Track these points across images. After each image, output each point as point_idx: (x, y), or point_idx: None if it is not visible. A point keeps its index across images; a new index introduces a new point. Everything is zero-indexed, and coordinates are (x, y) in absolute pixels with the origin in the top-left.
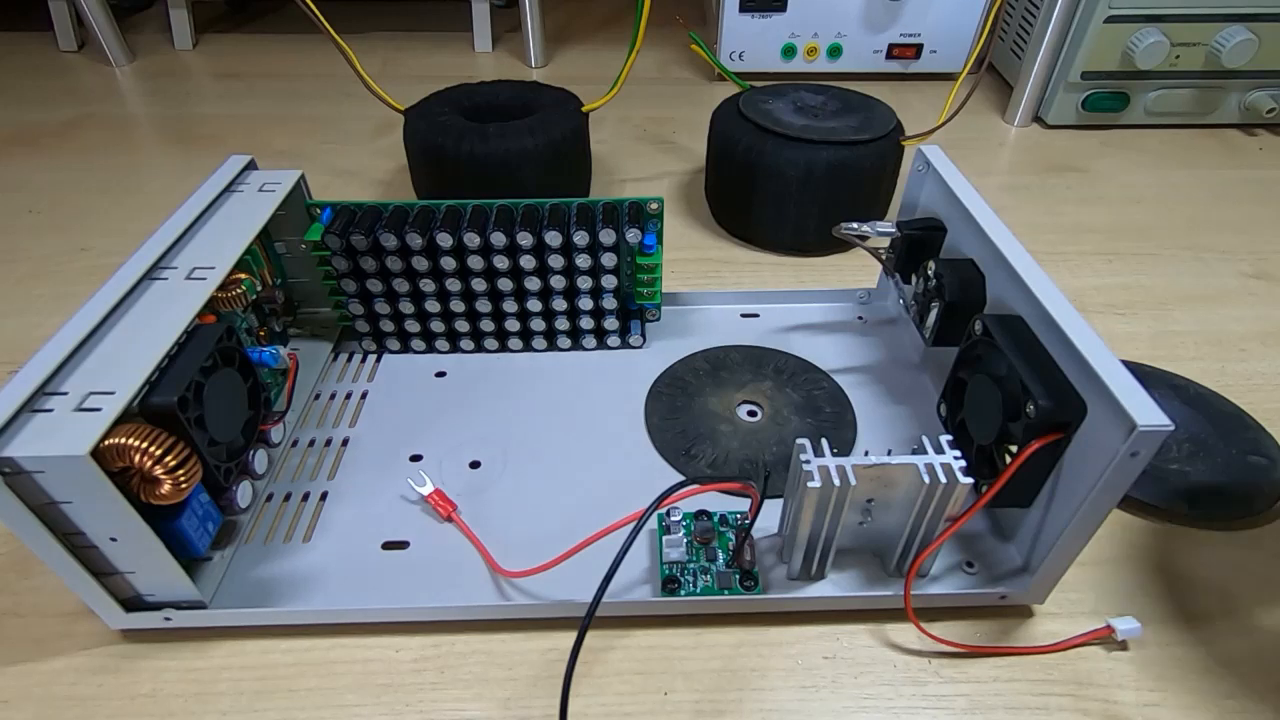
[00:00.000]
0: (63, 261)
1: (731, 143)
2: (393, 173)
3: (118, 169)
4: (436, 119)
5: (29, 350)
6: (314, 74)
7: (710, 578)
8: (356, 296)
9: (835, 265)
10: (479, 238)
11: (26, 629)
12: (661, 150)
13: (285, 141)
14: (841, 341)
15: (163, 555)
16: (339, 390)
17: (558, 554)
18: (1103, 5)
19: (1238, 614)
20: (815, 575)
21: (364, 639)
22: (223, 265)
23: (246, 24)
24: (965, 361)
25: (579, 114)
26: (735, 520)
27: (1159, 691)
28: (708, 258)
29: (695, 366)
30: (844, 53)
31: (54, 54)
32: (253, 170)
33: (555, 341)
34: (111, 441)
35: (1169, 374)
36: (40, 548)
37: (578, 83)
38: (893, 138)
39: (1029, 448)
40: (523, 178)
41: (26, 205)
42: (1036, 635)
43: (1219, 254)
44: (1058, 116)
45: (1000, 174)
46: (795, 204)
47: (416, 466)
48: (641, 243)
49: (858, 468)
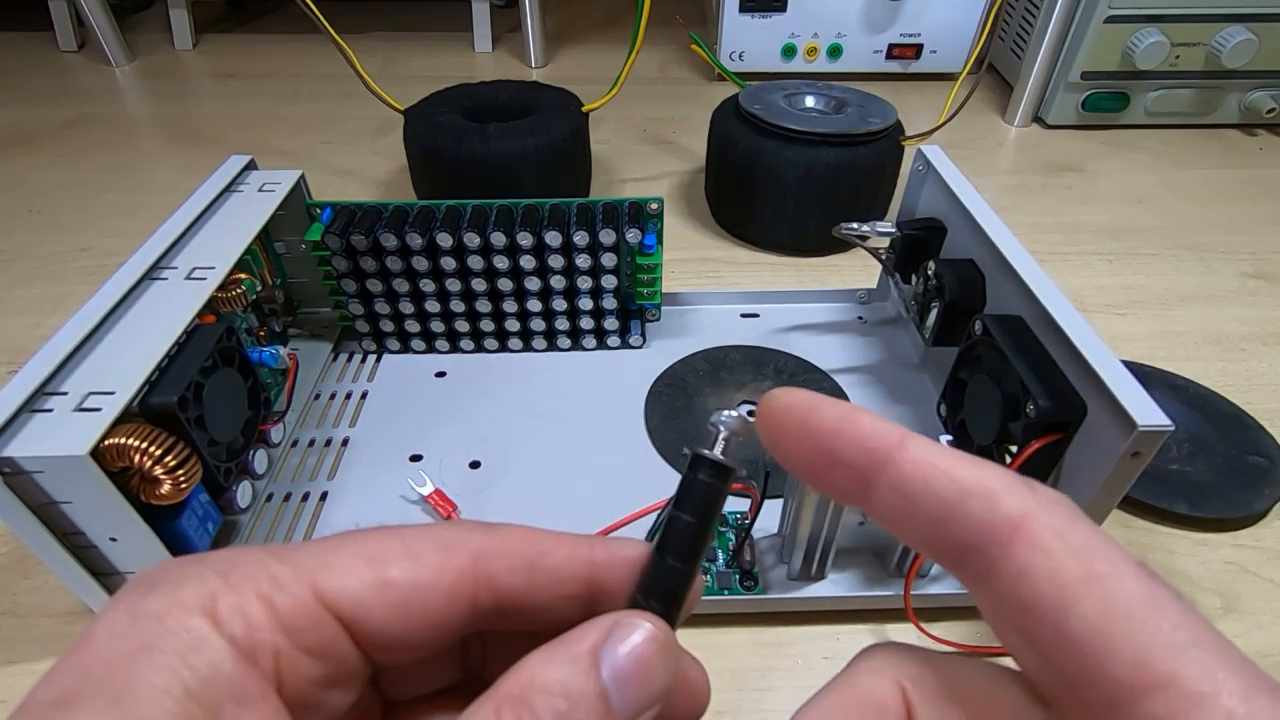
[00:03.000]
0: (63, 261)
1: (731, 143)
2: (393, 173)
3: (118, 169)
4: (436, 119)
5: (29, 350)
6: (314, 74)
7: (710, 578)
8: (356, 296)
9: (835, 265)
10: (479, 238)
11: (26, 629)
12: (661, 150)
13: (285, 141)
14: (841, 341)
15: (163, 555)
16: (339, 390)
17: None
18: (1103, 5)
19: (1238, 614)
20: (815, 575)
21: None
22: (223, 265)
23: (246, 24)
24: (965, 361)
25: (579, 114)
26: (735, 520)
27: None
28: (708, 258)
29: (695, 366)
30: (844, 53)
31: (54, 54)
32: (253, 170)
33: (555, 341)
34: (111, 441)
35: (1169, 374)
36: (40, 548)
37: (578, 83)
38: (893, 138)
39: (1029, 448)
40: (523, 178)
41: (26, 205)
42: None
43: (1219, 254)
44: (1058, 116)
45: (1000, 174)
46: (795, 204)
47: (416, 466)
48: (641, 243)
49: None
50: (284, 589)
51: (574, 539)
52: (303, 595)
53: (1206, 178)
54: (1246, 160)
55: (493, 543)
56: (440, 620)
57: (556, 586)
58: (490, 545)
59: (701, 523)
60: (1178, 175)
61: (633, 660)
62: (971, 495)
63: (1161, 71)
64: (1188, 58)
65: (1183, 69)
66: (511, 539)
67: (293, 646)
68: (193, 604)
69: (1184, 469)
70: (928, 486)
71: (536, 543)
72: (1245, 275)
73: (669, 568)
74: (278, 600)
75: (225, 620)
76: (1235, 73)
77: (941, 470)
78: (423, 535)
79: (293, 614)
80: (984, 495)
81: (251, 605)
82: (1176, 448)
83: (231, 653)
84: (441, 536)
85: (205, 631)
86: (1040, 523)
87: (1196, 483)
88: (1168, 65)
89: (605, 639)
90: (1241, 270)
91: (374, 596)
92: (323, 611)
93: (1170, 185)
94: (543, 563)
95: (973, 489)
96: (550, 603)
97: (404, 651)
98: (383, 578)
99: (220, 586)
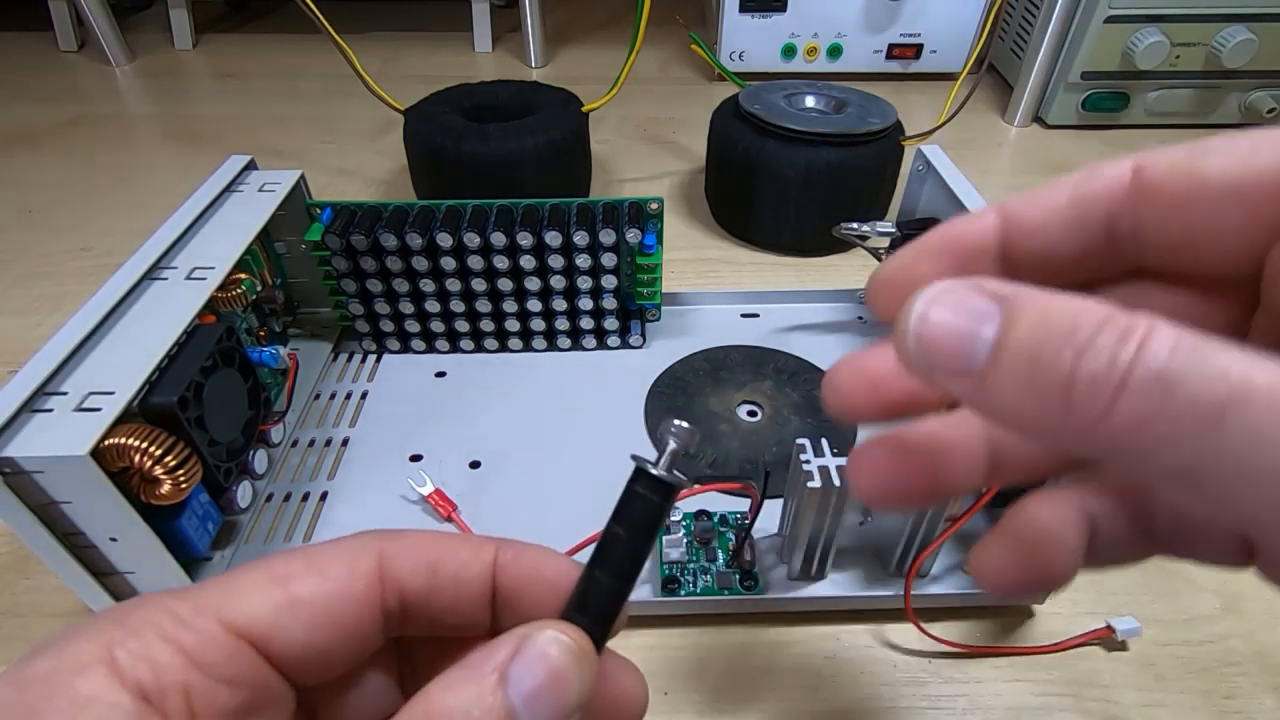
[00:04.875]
0: (63, 261)
1: (731, 143)
2: (393, 173)
3: (117, 169)
4: (436, 119)
5: (29, 350)
6: (314, 74)
7: (710, 578)
8: (356, 296)
9: (835, 265)
10: (479, 238)
11: (26, 629)
12: (661, 150)
13: (285, 141)
14: (841, 341)
15: (163, 555)
16: (339, 390)
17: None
18: (1103, 5)
19: (1238, 614)
20: (815, 575)
21: None
22: (223, 265)
23: (246, 24)
24: None
25: (579, 114)
26: (735, 520)
27: (1159, 691)
28: (708, 258)
29: (695, 366)
30: (844, 53)
31: (54, 54)
32: (253, 170)
33: (555, 341)
34: (111, 441)
35: None
36: (40, 548)
37: (578, 83)
38: (893, 138)
39: None
40: (523, 178)
41: (26, 205)
42: (1037, 635)
43: None
44: (1058, 116)
45: (1000, 174)
46: (795, 204)
47: (416, 466)
48: (641, 243)
49: None
50: (188, 625)
51: (478, 541)
52: (209, 628)
53: None
54: None
55: (395, 547)
56: (353, 630)
57: (459, 588)
58: (393, 549)
59: (636, 539)
60: None
61: (544, 675)
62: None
63: (1161, 71)
64: (1188, 58)
65: (1183, 69)
66: (413, 542)
67: (208, 680)
68: (85, 660)
69: None
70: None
71: (438, 545)
72: None
73: (598, 582)
74: (183, 637)
75: (126, 668)
76: (1235, 73)
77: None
78: (327, 550)
79: (201, 648)
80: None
81: (155, 647)
82: None
83: (130, 702)
84: (347, 547)
85: (95, 686)
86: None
87: None
88: (1168, 65)
89: (513, 654)
90: None
91: (285, 616)
92: (234, 640)
93: None
94: (444, 564)
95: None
96: (456, 605)
97: (323, 667)
98: (291, 596)
99: (118, 635)
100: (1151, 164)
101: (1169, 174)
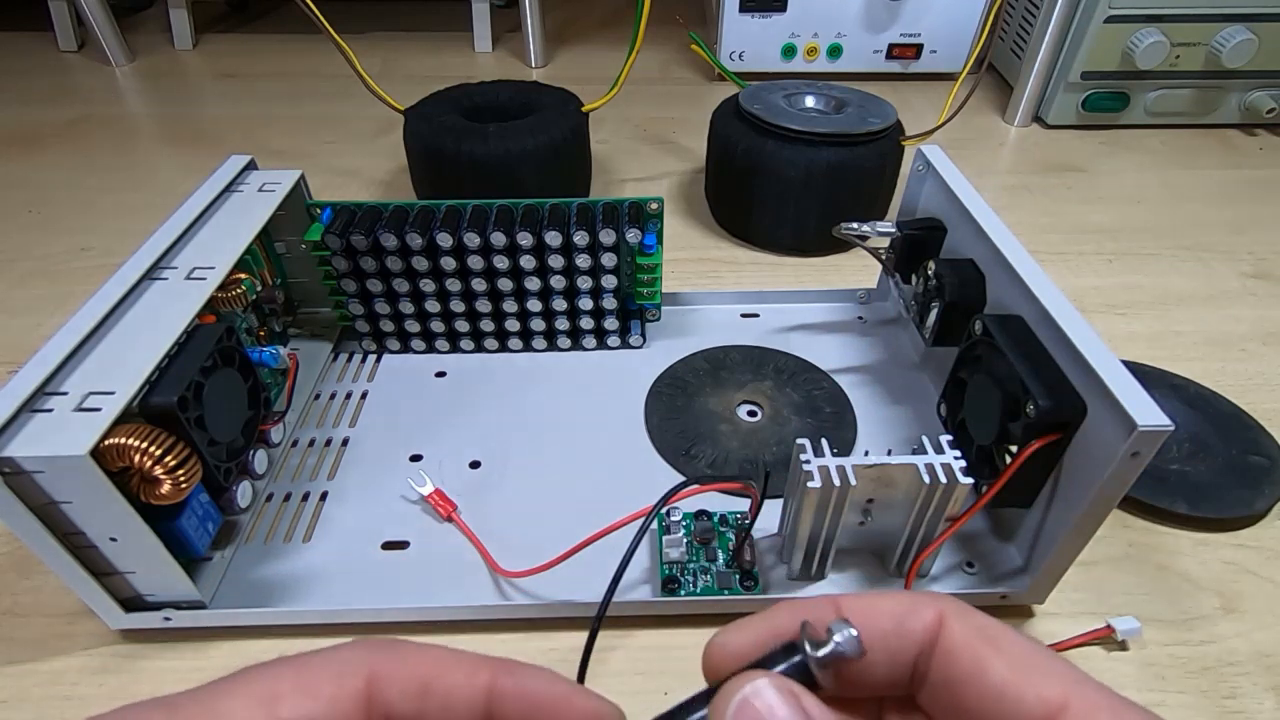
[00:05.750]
0: (63, 261)
1: (731, 143)
2: (393, 173)
3: (118, 169)
4: (436, 119)
5: (29, 350)
6: (314, 74)
7: (710, 578)
8: (356, 296)
9: (835, 265)
10: (479, 238)
11: (26, 629)
12: (661, 150)
13: (285, 141)
14: (841, 341)
15: (163, 555)
16: (339, 390)
17: (558, 554)
18: (1103, 5)
19: (1238, 614)
20: (815, 575)
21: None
22: (223, 265)
23: (246, 24)
24: (965, 361)
25: (579, 114)
26: (735, 520)
27: (1159, 691)
28: (708, 258)
29: (695, 366)
30: (844, 53)
31: (54, 54)
32: (253, 170)
33: (555, 341)
34: (111, 441)
35: (1169, 374)
36: (40, 548)
37: (578, 83)
38: (893, 137)
39: (1029, 448)
40: (523, 178)
41: (26, 205)
42: (1037, 635)
43: (1219, 254)
44: (1058, 116)
45: (1000, 174)
46: (795, 204)
47: (416, 466)
48: (641, 243)
49: (858, 468)
50: None
51: (475, 661)
52: None
53: (1206, 178)
54: (1246, 160)
55: (387, 665)
56: None
57: (448, 715)
58: (384, 668)
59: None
60: (1178, 175)
61: None
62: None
63: (1161, 71)
64: (1188, 58)
65: (1183, 69)
66: (407, 657)
67: None
68: None
69: (1184, 469)
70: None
71: (433, 661)
72: (1245, 275)
73: None
74: None
75: None
76: (1235, 73)
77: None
78: (317, 664)
79: None
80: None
81: None
82: (1176, 448)
83: None
84: (338, 662)
85: None
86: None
87: (1196, 483)
88: (1168, 65)
89: None
90: (1241, 270)
91: None
92: None
93: (1170, 185)
94: (435, 686)
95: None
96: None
97: None
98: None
99: None
100: (950, 629)
101: (963, 647)
